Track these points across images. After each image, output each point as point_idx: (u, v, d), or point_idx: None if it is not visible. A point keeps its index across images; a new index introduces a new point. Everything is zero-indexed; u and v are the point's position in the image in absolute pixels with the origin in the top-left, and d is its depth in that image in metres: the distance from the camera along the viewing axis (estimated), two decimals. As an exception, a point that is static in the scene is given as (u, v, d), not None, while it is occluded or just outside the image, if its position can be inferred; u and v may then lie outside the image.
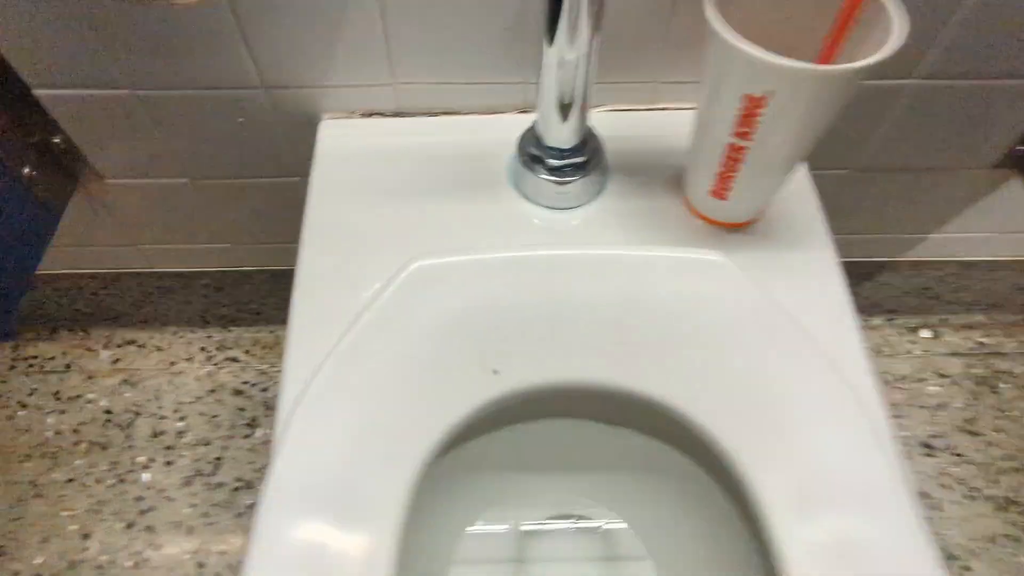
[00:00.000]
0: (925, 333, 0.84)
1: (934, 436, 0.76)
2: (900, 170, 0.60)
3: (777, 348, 0.38)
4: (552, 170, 0.44)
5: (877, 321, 0.85)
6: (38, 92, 0.50)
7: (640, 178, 0.47)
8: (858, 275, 0.75)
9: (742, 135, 0.36)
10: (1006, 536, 0.71)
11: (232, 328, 0.84)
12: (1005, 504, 0.72)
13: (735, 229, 0.44)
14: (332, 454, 0.35)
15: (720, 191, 0.41)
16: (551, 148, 0.44)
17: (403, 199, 0.46)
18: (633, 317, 0.40)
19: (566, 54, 0.36)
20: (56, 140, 0.55)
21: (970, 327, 0.85)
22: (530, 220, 0.45)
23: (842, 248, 0.47)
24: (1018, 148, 0.58)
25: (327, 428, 0.36)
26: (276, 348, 0.83)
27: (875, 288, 0.78)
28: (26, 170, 0.54)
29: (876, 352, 0.83)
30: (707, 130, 0.39)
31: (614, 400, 0.38)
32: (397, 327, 0.39)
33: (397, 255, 0.42)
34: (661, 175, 0.47)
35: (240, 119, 0.53)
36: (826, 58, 0.35)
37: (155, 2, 0.42)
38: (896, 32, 0.32)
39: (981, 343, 0.83)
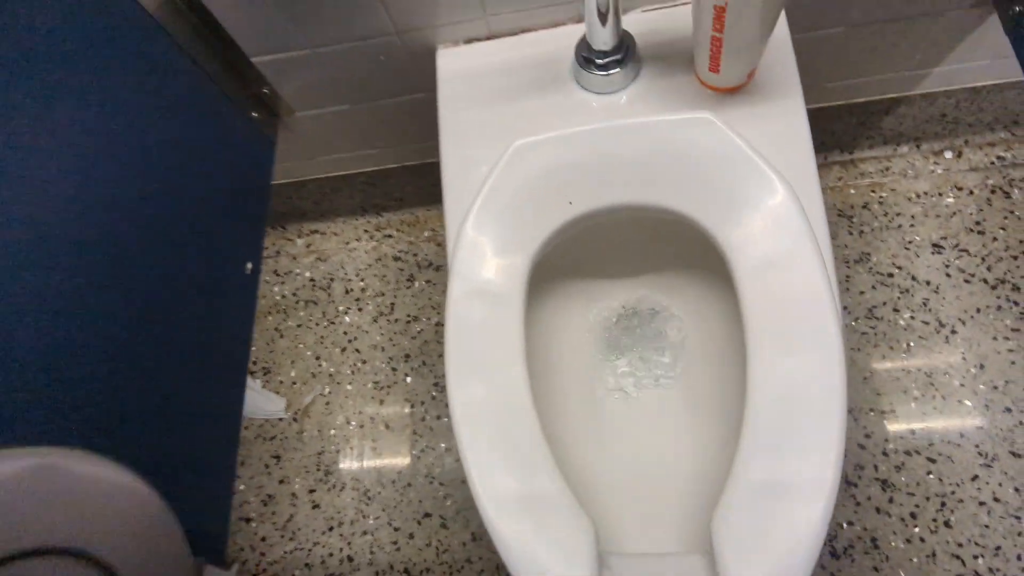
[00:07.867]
0: (948, 155, 0.97)
1: (943, 238, 0.93)
2: (891, 20, 0.74)
3: (745, 177, 0.59)
4: (600, 67, 0.65)
5: (904, 149, 0.99)
6: (254, 59, 0.77)
7: (665, 63, 0.66)
8: (875, 112, 0.90)
9: (718, 29, 0.55)
10: (995, 308, 0.88)
11: (383, 214, 1.13)
12: (995, 284, 0.89)
13: (731, 92, 0.63)
14: (483, 250, 0.61)
15: (714, 67, 0.60)
16: (597, 51, 0.64)
17: (503, 100, 0.69)
18: (655, 160, 0.61)
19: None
20: (265, 90, 0.82)
21: (992, 144, 0.96)
22: (589, 104, 0.67)
23: (853, 91, 0.62)
24: (991, -14, 0.70)
25: (479, 242, 0.62)
26: (418, 225, 1.12)
27: (895, 120, 0.92)
28: (254, 114, 0.81)
29: (901, 175, 0.97)
30: (699, 28, 0.58)
31: (646, 213, 0.61)
32: (508, 184, 0.63)
33: (503, 139, 0.65)
34: (679, 59, 0.66)
35: (381, 57, 0.77)
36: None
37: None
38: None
39: (1001, 157, 0.96)
